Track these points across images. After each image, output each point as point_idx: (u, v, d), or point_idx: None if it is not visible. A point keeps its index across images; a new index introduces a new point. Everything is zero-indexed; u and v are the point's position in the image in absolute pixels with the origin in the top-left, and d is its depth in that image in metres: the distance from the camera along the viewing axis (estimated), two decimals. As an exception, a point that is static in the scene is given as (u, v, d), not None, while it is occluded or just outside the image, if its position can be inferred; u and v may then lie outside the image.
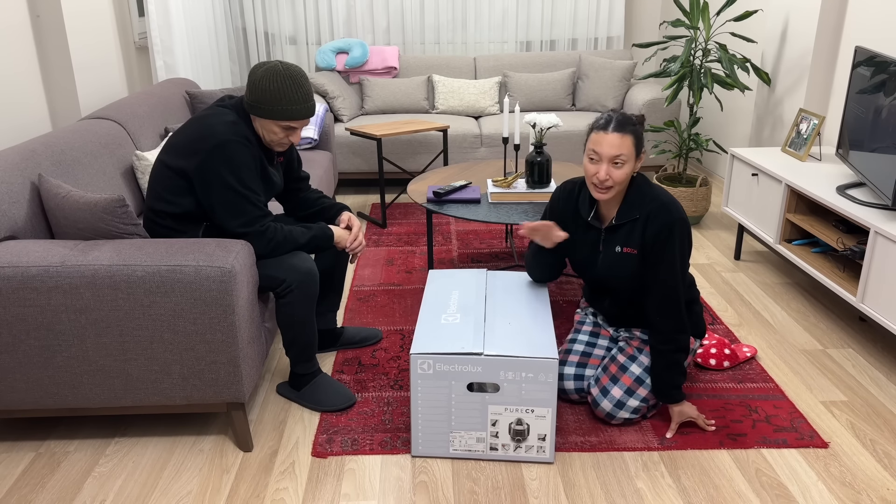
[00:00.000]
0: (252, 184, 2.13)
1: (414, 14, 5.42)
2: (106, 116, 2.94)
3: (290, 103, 2.11)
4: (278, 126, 2.15)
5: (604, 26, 5.51)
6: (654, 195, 2.13)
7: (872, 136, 2.73)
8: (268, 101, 2.10)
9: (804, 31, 3.66)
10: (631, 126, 2.06)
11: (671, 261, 2.10)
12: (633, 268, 2.16)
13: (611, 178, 2.06)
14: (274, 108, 2.11)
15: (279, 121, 2.13)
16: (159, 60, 4.16)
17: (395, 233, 4.01)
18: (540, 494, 1.97)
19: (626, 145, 2.04)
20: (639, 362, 2.23)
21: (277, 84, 2.09)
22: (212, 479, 2.05)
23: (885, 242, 2.44)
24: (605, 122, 2.06)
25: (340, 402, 2.34)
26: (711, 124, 5.11)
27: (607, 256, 2.20)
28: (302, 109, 2.14)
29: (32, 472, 2.08)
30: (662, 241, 2.09)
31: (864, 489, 1.98)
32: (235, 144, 2.09)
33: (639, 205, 2.14)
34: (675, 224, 2.08)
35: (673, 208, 2.10)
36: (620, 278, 2.19)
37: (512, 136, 4.55)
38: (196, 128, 2.13)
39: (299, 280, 2.17)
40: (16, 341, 1.97)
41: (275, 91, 2.09)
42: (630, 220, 2.15)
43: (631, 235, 2.15)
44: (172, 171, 2.16)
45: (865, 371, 2.58)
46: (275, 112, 2.11)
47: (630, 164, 2.06)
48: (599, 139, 2.05)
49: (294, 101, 2.11)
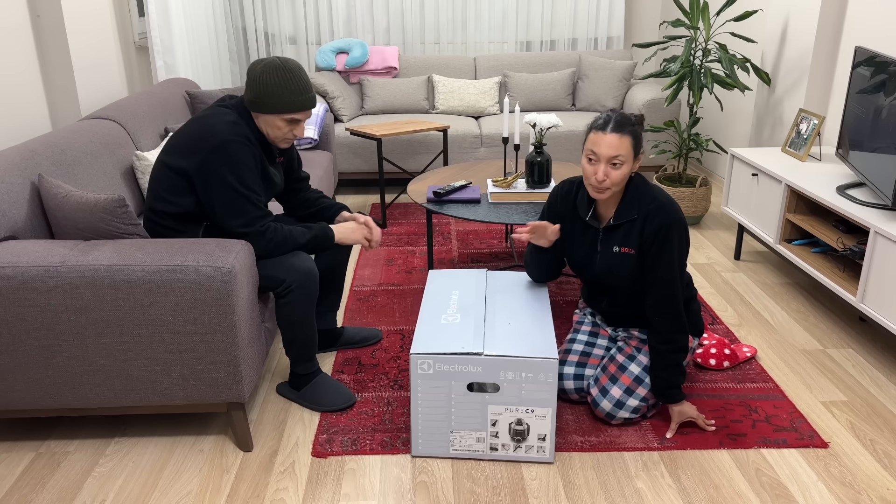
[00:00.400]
0: (253, 184, 2.14)
1: (414, 14, 5.42)
2: (106, 116, 2.94)
3: (292, 94, 2.12)
4: (282, 120, 2.16)
5: (604, 26, 5.51)
6: (652, 196, 2.13)
7: (872, 136, 2.73)
8: (270, 95, 2.11)
9: (804, 31, 3.66)
10: (629, 126, 2.06)
11: (669, 261, 2.10)
12: (631, 267, 2.17)
13: (608, 179, 2.05)
14: (277, 101, 2.11)
15: (284, 114, 2.14)
16: (159, 60, 4.16)
17: (395, 233, 4.01)
18: (540, 494, 1.97)
19: (624, 146, 2.03)
20: (637, 361, 2.23)
21: (278, 78, 2.10)
22: (212, 479, 2.05)
23: (885, 242, 2.44)
24: (604, 123, 2.06)
25: (340, 402, 2.34)
26: (711, 124, 5.11)
27: (605, 256, 2.20)
28: (305, 100, 2.15)
29: (32, 472, 2.08)
30: (661, 241, 2.09)
31: (864, 489, 1.98)
32: (236, 144, 2.09)
33: (637, 205, 2.14)
34: (672, 225, 2.09)
35: (671, 209, 2.10)
36: (618, 277, 2.19)
37: (512, 136, 4.55)
38: (197, 128, 2.14)
39: (299, 280, 2.17)
40: (16, 341, 1.97)
41: (276, 85, 2.10)
42: (628, 220, 2.15)
43: (629, 235, 2.15)
44: (173, 170, 2.16)
45: (865, 371, 2.58)
46: (279, 105, 2.12)
47: (628, 164, 2.06)
48: (598, 139, 2.05)
49: (296, 91, 2.12)
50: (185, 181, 2.15)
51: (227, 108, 2.19)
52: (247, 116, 2.19)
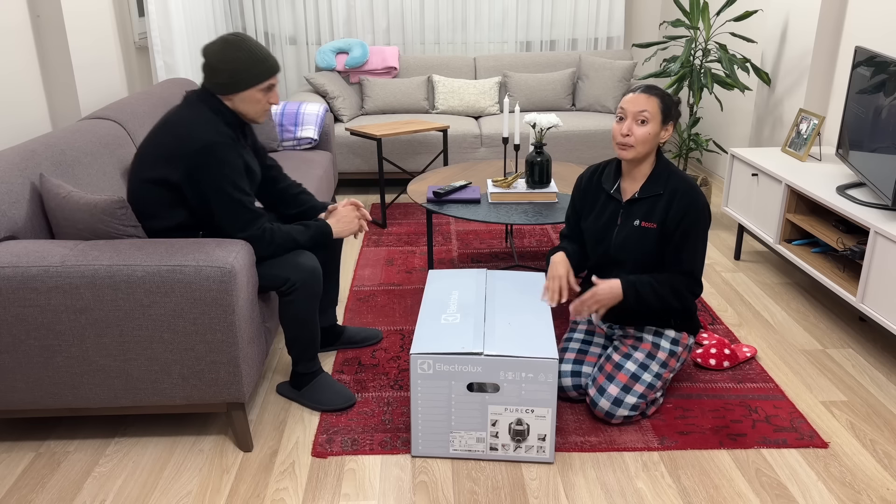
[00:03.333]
0: (244, 185, 2.10)
1: (414, 14, 5.42)
2: (106, 116, 2.94)
3: (262, 62, 2.09)
4: (260, 91, 2.12)
5: (604, 26, 5.51)
6: (680, 176, 2.21)
7: (872, 136, 2.73)
8: (243, 71, 2.07)
9: (804, 31, 3.66)
10: (659, 91, 2.15)
11: (697, 240, 2.18)
12: (649, 243, 2.20)
13: (633, 136, 2.13)
14: (253, 72, 2.08)
15: (262, 83, 2.10)
16: (159, 60, 4.16)
17: (395, 233, 4.01)
18: (540, 494, 1.97)
19: (651, 104, 2.13)
20: (634, 359, 2.24)
21: (242, 51, 2.06)
22: (212, 479, 2.05)
23: (885, 242, 2.44)
24: (636, 87, 2.18)
25: (341, 402, 2.34)
26: (711, 124, 5.11)
27: (624, 229, 2.24)
28: (274, 62, 2.13)
29: (32, 472, 2.08)
30: (691, 221, 2.16)
31: (864, 489, 1.98)
32: (222, 147, 2.05)
33: (664, 181, 2.20)
34: (702, 207, 2.17)
35: (700, 193, 2.19)
36: (632, 252, 2.22)
37: (512, 136, 4.55)
38: (173, 134, 2.07)
39: (303, 278, 2.18)
40: (16, 341, 1.97)
41: (244, 59, 2.06)
42: (653, 195, 2.20)
43: (653, 211, 2.20)
44: (155, 184, 2.09)
45: (865, 371, 2.58)
46: (256, 76, 2.09)
47: (654, 123, 2.13)
48: (627, 99, 2.17)
49: (264, 57, 2.10)
50: (171, 192, 2.10)
51: (195, 106, 2.12)
52: (217, 107, 2.12)
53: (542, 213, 2.79)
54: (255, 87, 2.11)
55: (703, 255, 2.22)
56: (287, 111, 3.99)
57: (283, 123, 3.97)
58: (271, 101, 2.17)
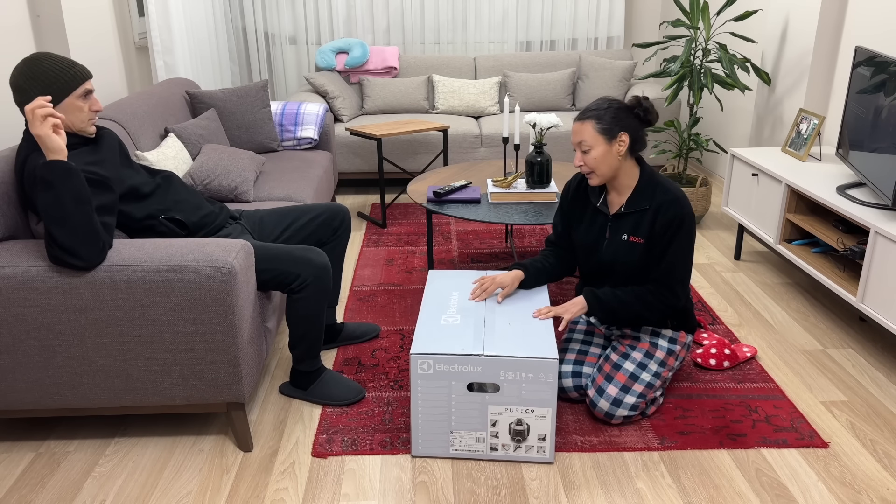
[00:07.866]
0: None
1: (414, 14, 5.42)
2: (106, 116, 2.94)
3: (69, 68, 1.99)
4: (79, 97, 2.00)
5: (604, 26, 5.51)
6: (665, 188, 2.19)
7: (872, 136, 2.73)
8: (54, 80, 1.96)
9: (804, 31, 3.66)
10: (592, 111, 2.14)
11: (675, 252, 2.16)
12: (638, 256, 2.21)
13: (585, 164, 2.16)
14: (63, 80, 1.97)
15: (76, 88, 1.99)
16: (159, 60, 4.16)
17: (395, 233, 4.01)
18: (540, 494, 1.97)
19: (585, 130, 2.13)
20: (632, 359, 2.24)
21: (45, 64, 1.97)
22: (212, 479, 2.05)
23: (885, 242, 2.44)
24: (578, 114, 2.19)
25: (352, 395, 2.35)
26: (711, 124, 5.11)
27: (612, 243, 2.24)
28: (81, 68, 2.02)
29: (32, 472, 2.08)
30: (672, 232, 2.14)
31: (864, 489, 1.98)
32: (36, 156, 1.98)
33: (649, 195, 2.18)
34: (684, 218, 2.15)
35: (685, 202, 2.16)
36: (624, 265, 2.23)
37: (512, 136, 4.55)
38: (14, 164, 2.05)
39: (315, 274, 2.19)
40: (16, 341, 1.97)
41: (50, 69, 1.96)
42: (639, 210, 2.19)
43: (639, 225, 2.19)
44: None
45: (865, 371, 2.57)
46: (68, 83, 1.98)
47: (597, 146, 2.13)
48: (572, 130, 2.18)
49: (69, 64, 2.00)
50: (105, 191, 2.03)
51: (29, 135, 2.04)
52: None
53: (542, 213, 2.79)
54: (71, 94, 1.99)
55: (683, 267, 2.19)
56: (287, 111, 3.99)
57: (283, 123, 3.97)
58: (93, 108, 2.05)
